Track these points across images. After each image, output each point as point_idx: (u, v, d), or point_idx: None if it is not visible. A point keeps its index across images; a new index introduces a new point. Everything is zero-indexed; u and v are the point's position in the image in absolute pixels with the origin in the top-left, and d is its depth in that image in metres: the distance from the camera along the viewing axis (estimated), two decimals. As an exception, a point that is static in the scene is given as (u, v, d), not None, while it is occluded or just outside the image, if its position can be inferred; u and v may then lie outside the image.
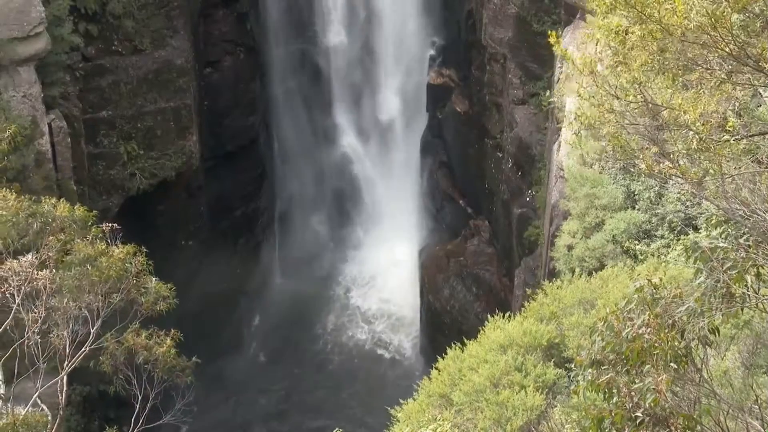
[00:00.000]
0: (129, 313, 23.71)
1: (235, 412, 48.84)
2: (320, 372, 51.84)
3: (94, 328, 22.97)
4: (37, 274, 22.32)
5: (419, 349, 52.01)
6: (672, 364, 9.74)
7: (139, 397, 23.00)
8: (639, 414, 9.66)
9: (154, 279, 23.62)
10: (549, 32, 11.06)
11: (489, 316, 20.22)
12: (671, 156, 10.21)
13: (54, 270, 22.57)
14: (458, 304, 47.23)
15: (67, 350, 22.60)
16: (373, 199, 57.74)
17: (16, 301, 22.15)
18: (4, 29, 35.31)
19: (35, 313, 22.45)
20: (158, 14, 44.31)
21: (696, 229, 22.75)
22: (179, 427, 25.80)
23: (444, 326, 47.17)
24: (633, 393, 9.71)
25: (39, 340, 22.61)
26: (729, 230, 10.45)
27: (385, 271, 56.34)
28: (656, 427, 9.64)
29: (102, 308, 22.89)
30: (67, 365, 22.64)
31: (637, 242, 23.56)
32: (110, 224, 24.02)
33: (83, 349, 23.00)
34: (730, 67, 9.77)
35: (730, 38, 9.37)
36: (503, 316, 19.79)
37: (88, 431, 38.57)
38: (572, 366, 10.88)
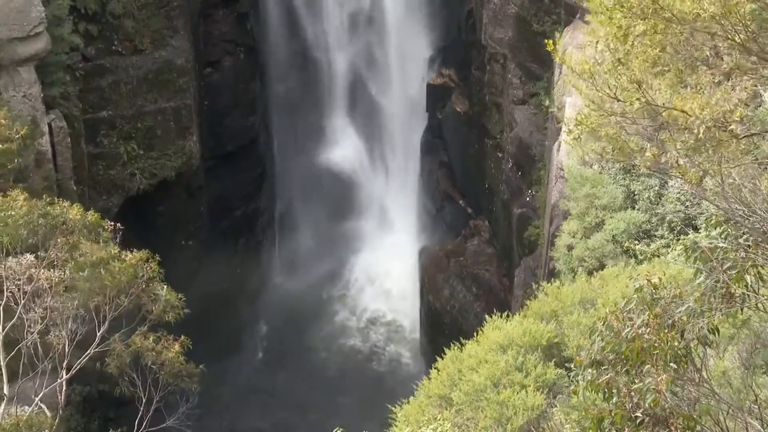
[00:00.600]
0: (136, 315, 23.81)
1: (233, 414, 48.75)
2: (319, 375, 51.73)
3: (101, 331, 23.07)
4: (40, 274, 22.39)
5: (419, 350, 51.98)
6: (672, 364, 9.74)
7: (143, 400, 23.04)
8: (639, 414, 9.66)
9: (165, 287, 23.75)
10: (546, 41, 11.03)
11: (488, 316, 20.22)
12: (673, 151, 10.19)
13: (62, 270, 22.69)
14: (458, 304, 47.22)
15: (67, 350, 22.65)
16: (373, 199, 57.73)
17: (21, 302, 22.22)
18: (4, 29, 35.32)
19: (35, 313, 22.51)
20: (158, 14, 44.32)
21: (696, 229, 22.75)
22: (183, 431, 25.81)
23: (444, 326, 47.15)
24: (633, 393, 9.71)
25: (39, 340, 22.67)
26: (729, 230, 10.44)
27: (384, 271, 56.31)
28: (656, 427, 9.64)
29: (110, 311, 23.02)
30: (66, 365, 22.67)
31: (637, 242, 23.56)
32: (113, 224, 24.15)
33: (89, 351, 23.08)
34: (737, 58, 9.74)
35: (741, 28, 9.35)
36: (501, 316, 19.79)
37: (88, 431, 38.53)
38: (572, 366, 10.88)
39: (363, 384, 50.63)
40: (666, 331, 9.79)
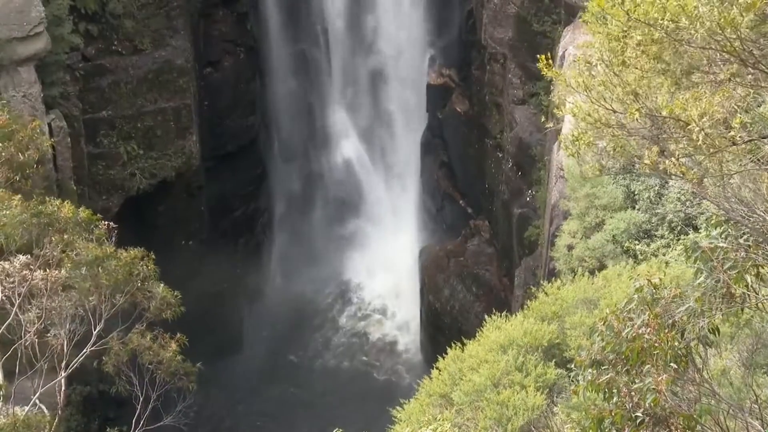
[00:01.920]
0: (132, 314, 23.79)
1: (231, 413, 48.76)
2: (319, 373, 51.77)
3: (97, 330, 23.04)
4: (35, 274, 22.38)
5: (419, 349, 52.00)
6: (672, 364, 9.73)
7: (141, 399, 23.02)
8: (639, 414, 9.65)
9: (161, 285, 23.74)
10: (540, 56, 11.01)
11: (488, 316, 20.21)
12: (673, 154, 10.18)
13: (57, 269, 22.68)
14: (458, 304, 47.22)
15: (65, 350, 22.63)
16: (373, 199, 57.73)
17: (16, 303, 22.21)
18: (4, 29, 35.31)
19: (31, 313, 22.49)
20: (158, 14, 44.33)
21: (696, 229, 22.75)
22: (181, 429, 25.84)
23: (444, 326, 47.17)
24: (633, 393, 9.70)
25: (37, 340, 22.66)
26: (729, 230, 10.43)
27: (384, 270, 56.32)
28: (656, 427, 9.63)
29: (105, 310, 23.00)
30: (65, 365, 22.65)
31: (637, 242, 23.55)
32: (107, 223, 24.14)
33: (85, 350, 23.05)
34: (734, 68, 9.72)
35: (736, 39, 9.33)
36: (502, 316, 19.78)
37: (88, 431, 38.54)
38: (573, 366, 10.89)
39: (363, 380, 50.66)
40: (666, 331, 9.78)
